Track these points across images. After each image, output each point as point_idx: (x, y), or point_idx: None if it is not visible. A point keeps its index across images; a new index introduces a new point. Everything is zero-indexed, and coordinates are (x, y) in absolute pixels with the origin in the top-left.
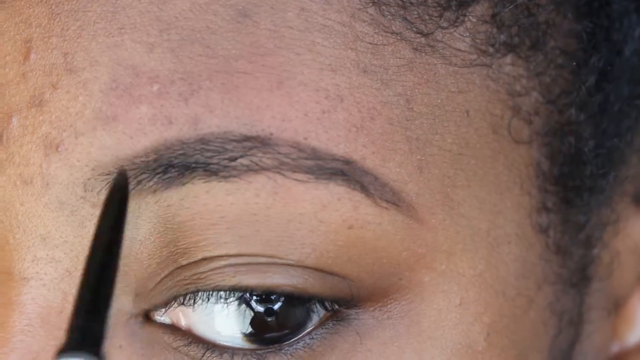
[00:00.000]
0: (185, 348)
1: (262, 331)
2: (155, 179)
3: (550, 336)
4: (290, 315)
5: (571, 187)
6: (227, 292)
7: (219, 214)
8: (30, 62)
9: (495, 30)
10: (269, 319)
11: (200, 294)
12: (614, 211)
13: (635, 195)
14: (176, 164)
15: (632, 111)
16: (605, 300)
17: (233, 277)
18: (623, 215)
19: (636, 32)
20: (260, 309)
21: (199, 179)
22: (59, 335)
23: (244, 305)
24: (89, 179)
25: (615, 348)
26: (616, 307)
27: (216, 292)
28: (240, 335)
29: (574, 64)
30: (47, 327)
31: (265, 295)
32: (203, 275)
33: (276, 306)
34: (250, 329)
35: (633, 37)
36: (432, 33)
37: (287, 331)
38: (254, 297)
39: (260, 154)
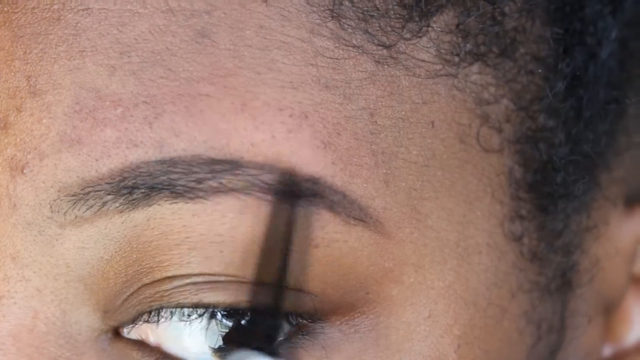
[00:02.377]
0: None
1: (231, 346)
2: (121, 200)
3: (527, 345)
4: (258, 328)
5: (545, 194)
6: (190, 309)
7: (184, 234)
8: None
9: (460, 39)
10: (237, 334)
11: (163, 311)
12: (591, 217)
13: (628, 197)
14: (142, 186)
15: (609, 115)
16: (590, 305)
17: (195, 295)
18: (602, 220)
19: (612, 35)
20: (228, 323)
21: (165, 200)
22: (30, 352)
23: (212, 321)
24: (55, 200)
25: (608, 350)
26: (607, 310)
27: (179, 310)
28: (210, 351)
29: (545, 69)
30: (18, 344)
31: (232, 310)
32: (166, 293)
33: (244, 321)
34: (219, 344)
35: (609, 40)
36: (394, 45)
37: (257, 344)
38: (221, 313)
39: (229, 176)
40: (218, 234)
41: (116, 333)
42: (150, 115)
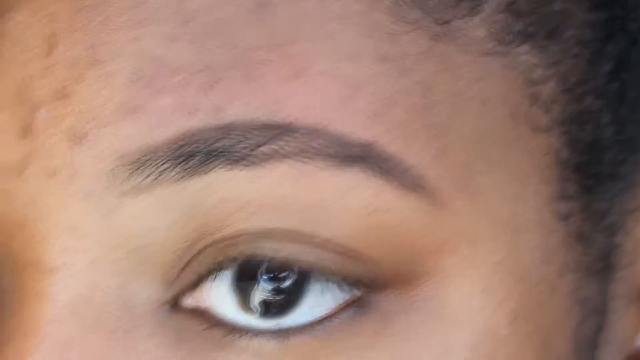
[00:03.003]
0: (209, 331)
1: (274, 311)
2: (178, 168)
3: (573, 324)
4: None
5: (591, 175)
6: (247, 263)
7: (243, 200)
8: (54, 56)
9: (511, 19)
10: (281, 297)
11: (223, 264)
12: (636, 199)
13: None
14: (199, 153)
15: None
16: (628, 288)
17: (254, 243)
18: None
19: None
20: (269, 287)
21: (222, 167)
22: (88, 324)
23: (261, 284)
24: (113, 169)
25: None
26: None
27: (237, 261)
28: (258, 316)
29: (590, 53)
30: (77, 316)
31: (280, 273)
32: (228, 245)
33: (287, 284)
34: (267, 309)
35: None
36: (449, 22)
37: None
38: (269, 275)
39: (282, 142)
40: (276, 199)
41: (174, 304)
42: (207, 82)
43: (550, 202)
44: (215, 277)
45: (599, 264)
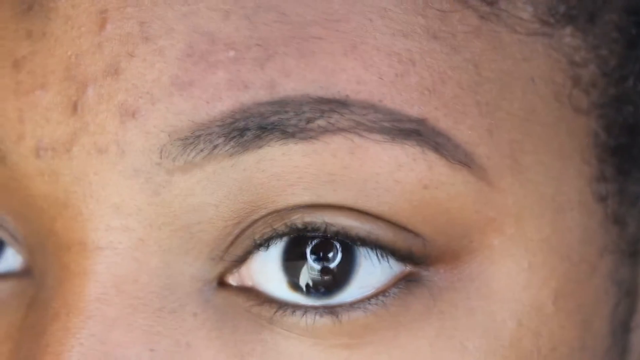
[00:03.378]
0: (257, 308)
1: (328, 290)
2: (231, 143)
3: (611, 305)
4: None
5: (628, 158)
6: (296, 238)
7: (296, 174)
8: (105, 32)
9: (555, 1)
10: (331, 277)
11: (274, 232)
12: None
13: None
14: (252, 127)
15: None
16: None
17: (308, 214)
18: None
19: None
20: (319, 266)
21: (276, 142)
22: (134, 303)
23: (310, 261)
24: (165, 145)
25: None
26: None
27: (287, 235)
28: (306, 294)
29: (628, 38)
30: (122, 295)
31: (328, 252)
32: (277, 218)
33: (334, 264)
34: (316, 288)
35: None
36: (496, 2)
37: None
38: (317, 255)
39: (337, 116)
40: (330, 173)
41: (220, 282)
42: (262, 57)
43: (591, 183)
44: (264, 250)
45: (632, 247)
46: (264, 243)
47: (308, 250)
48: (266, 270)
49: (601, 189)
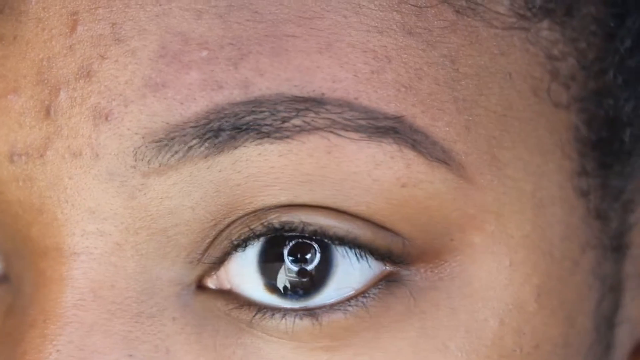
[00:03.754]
0: (236, 311)
1: (307, 292)
2: (206, 144)
3: (594, 301)
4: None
5: (609, 152)
6: (273, 239)
7: (273, 175)
8: (77, 34)
9: None
10: (308, 279)
11: (251, 235)
12: None
13: None
14: (227, 128)
15: None
16: None
17: (283, 216)
18: None
19: None
20: (296, 268)
21: (251, 142)
22: (112, 308)
23: (288, 263)
24: (139, 147)
25: None
26: None
27: (265, 235)
28: (285, 297)
29: (607, 30)
30: (99, 301)
31: (305, 254)
32: (254, 217)
33: (311, 266)
34: (294, 290)
35: None
36: None
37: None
38: (294, 257)
39: (312, 114)
40: (306, 173)
41: (198, 285)
42: (235, 56)
43: (572, 178)
44: (242, 251)
45: (615, 242)
46: (242, 244)
47: (285, 252)
48: (244, 273)
49: (583, 183)
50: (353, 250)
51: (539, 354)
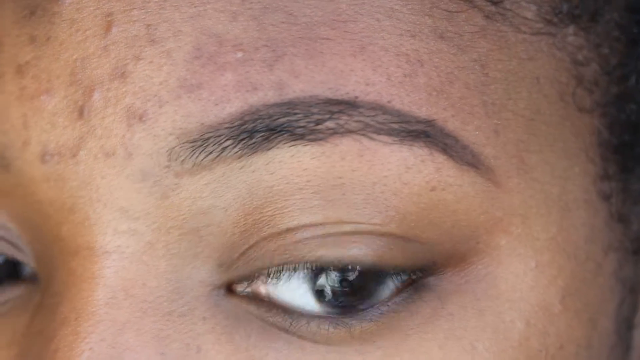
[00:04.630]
0: (272, 318)
1: (341, 299)
2: (240, 145)
3: (616, 303)
4: (367, 283)
5: (630, 156)
6: (313, 264)
7: (305, 178)
8: (111, 35)
9: (558, 0)
10: (345, 289)
11: (285, 267)
12: None
13: None
14: (261, 129)
15: None
16: None
17: (319, 248)
18: None
19: None
20: (337, 278)
21: (285, 143)
22: (143, 307)
23: (323, 275)
24: (173, 148)
25: None
26: None
27: (302, 264)
28: (319, 305)
29: (629, 36)
30: (131, 299)
31: (344, 266)
32: (289, 248)
33: (352, 276)
34: (329, 297)
35: None
36: (501, 1)
37: (365, 298)
38: (332, 267)
39: (345, 117)
40: (338, 176)
41: (229, 289)
42: (270, 58)
43: (595, 182)
44: (279, 276)
45: (635, 245)
46: (275, 274)
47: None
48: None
49: (605, 187)
50: (386, 271)
51: (564, 355)
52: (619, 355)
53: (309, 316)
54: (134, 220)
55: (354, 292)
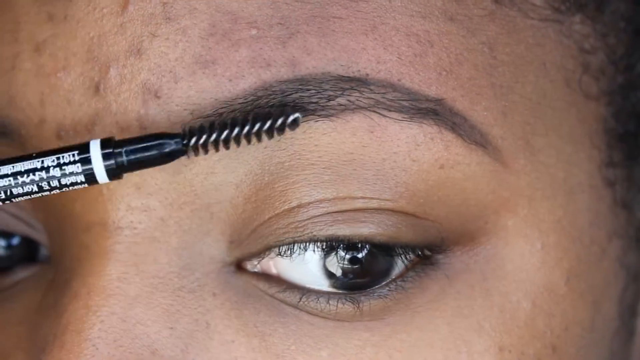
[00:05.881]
0: (281, 294)
1: (348, 277)
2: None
3: (619, 288)
4: (376, 261)
5: (635, 144)
6: (323, 243)
7: (317, 153)
8: (128, 13)
9: None
10: (355, 266)
11: (297, 244)
12: None
13: None
14: (274, 104)
15: None
16: None
17: (330, 226)
18: None
19: None
20: (347, 256)
21: None
22: (154, 282)
23: (333, 253)
24: (187, 123)
25: None
26: None
27: (313, 243)
28: (329, 282)
29: (635, 27)
30: (142, 274)
31: (354, 244)
32: (300, 225)
33: (361, 254)
34: (340, 275)
35: None
36: None
37: (375, 276)
38: (343, 245)
39: (357, 94)
40: (349, 152)
41: (239, 266)
42: (284, 35)
43: (600, 168)
44: (290, 253)
45: (639, 233)
46: (286, 252)
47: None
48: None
49: (610, 174)
50: (396, 249)
51: (568, 337)
52: (621, 340)
53: (319, 293)
54: (147, 196)
55: (364, 269)
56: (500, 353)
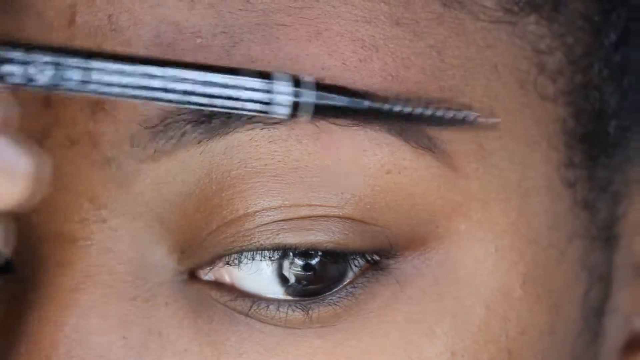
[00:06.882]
0: (232, 303)
1: (302, 284)
2: (199, 129)
3: (582, 290)
4: (329, 268)
5: (596, 144)
6: (271, 251)
7: (263, 161)
8: (75, 26)
9: None
10: (309, 273)
11: (245, 253)
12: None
13: None
14: (220, 114)
15: None
16: (632, 259)
17: (277, 234)
18: None
19: None
20: (300, 263)
21: (242, 127)
22: (109, 292)
23: (285, 261)
24: (135, 134)
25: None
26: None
27: (260, 251)
28: (282, 289)
29: (594, 25)
30: (97, 285)
31: (306, 251)
32: (248, 234)
33: (314, 261)
34: (291, 282)
35: None
36: None
37: (327, 282)
38: (293, 252)
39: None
40: (295, 159)
41: (192, 275)
42: (228, 44)
43: (559, 169)
44: (239, 261)
45: (603, 233)
46: (234, 261)
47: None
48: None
49: (569, 175)
50: (346, 256)
51: (525, 340)
52: (586, 342)
53: (269, 300)
54: (100, 208)
55: (317, 276)
56: (452, 358)
